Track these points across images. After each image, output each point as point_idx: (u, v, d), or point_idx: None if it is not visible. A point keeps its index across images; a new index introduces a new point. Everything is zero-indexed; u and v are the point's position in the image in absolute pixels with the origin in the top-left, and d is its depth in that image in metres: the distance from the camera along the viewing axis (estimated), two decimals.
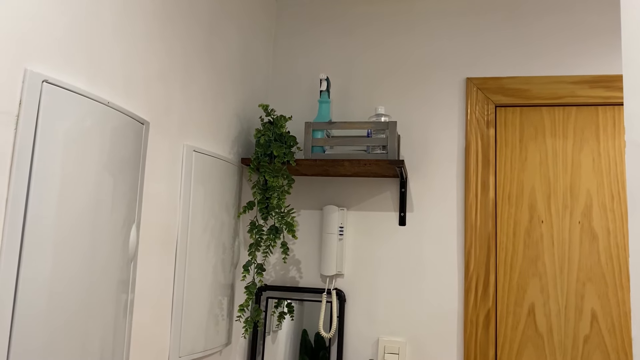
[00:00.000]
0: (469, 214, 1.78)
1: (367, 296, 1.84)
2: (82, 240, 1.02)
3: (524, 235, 1.76)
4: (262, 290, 1.87)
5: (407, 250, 1.83)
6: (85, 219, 1.03)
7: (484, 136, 1.82)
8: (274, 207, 1.66)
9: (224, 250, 1.62)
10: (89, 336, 1.04)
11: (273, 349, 1.83)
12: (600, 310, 1.68)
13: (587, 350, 1.67)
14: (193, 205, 1.45)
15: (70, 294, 0.99)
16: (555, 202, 1.76)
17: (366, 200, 1.89)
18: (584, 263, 1.71)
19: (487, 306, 1.73)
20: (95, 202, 1.05)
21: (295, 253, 1.92)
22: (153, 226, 1.29)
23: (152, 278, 1.29)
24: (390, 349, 1.78)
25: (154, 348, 1.30)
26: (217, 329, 1.58)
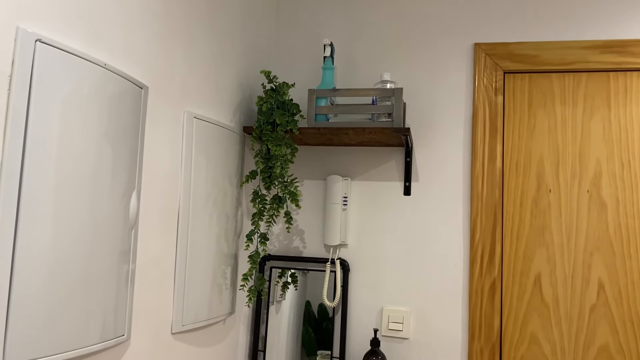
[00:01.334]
0: (475, 183, 1.75)
1: (371, 266, 1.82)
2: (82, 208, 1.00)
3: (531, 204, 1.74)
4: (266, 260, 1.86)
5: (411, 220, 1.81)
6: (85, 186, 1.00)
7: (491, 104, 1.77)
8: (277, 176, 1.63)
9: (226, 220, 1.60)
10: (90, 306, 1.03)
11: (277, 318, 1.83)
12: (607, 280, 1.66)
13: (593, 320, 1.65)
14: (195, 173, 1.42)
15: (70, 262, 0.97)
16: (564, 171, 1.73)
17: (371, 170, 1.86)
18: (592, 232, 1.69)
19: (492, 276, 1.71)
20: (95, 166, 1.03)
21: (299, 223, 1.90)
22: (154, 194, 1.26)
23: (153, 247, 1.27)
24: (394, 318, 1.77)
25: (156, 317, 1.29)
26: (220, 298, 1.57)
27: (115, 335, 1.11)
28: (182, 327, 1.38)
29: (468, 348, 1.71)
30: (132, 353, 1.18)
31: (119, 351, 1.15)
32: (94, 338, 1.04)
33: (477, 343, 1.70)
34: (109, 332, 1.09)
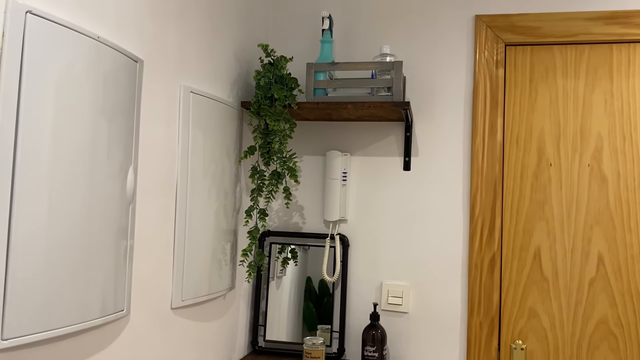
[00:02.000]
0: (476, 157, 1.74)
1: (371, 241, 1.82)
2: (78, 184, 0.99)
3: (532, 178, 1.73)
4: (265, 236, 1.86)
5: (411, 196, 1.80)
6: (81, 162, 0.99)
7: (492, 77, 1.75)
8: (275, 151, 1.62)
9: (225, 196, 1.60)
10: (89, 282, 1.03)
11: (277, 294, 1.84)
12: (606, 254, 1.66)
13: (592, 293, 1.66)
14: (192, 149, 1.41)
15: (68, 238, 0.97)
16: (565, 145, 1.71)
17: (370, 145, 1.85)
18: (592, 206, 1.68)
19: (492, 250, 1.71)
20: (90, 142, 1.02)
21: (298, 199, 1.89)
22: (151, 170, 1.25)
23: (152, 223, 1.26)
24: (393, 292, 1.78)
25: (156, 292, 1.29)
26: (220, 274, 1.58)
27: (115, 310, 1.11)
28: (181, 302, 1.38)
29: (467, 322, 1.72)
30: (132, 328, 1.19)
31: (119, 326, 1.15)
32: (94, 313, 1.05)
33: (477, 317, 1.71)
34: (109, 307, 1.09)
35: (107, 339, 1.11)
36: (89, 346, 1.06)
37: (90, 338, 1.06)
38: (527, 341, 1.70)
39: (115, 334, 1.14)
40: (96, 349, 1.08)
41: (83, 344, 1.04)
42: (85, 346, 1.05)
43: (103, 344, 1.10)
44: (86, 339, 1.05)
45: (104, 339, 1.10)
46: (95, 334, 1.08)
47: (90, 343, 1.06)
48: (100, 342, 1.09)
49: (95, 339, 1.08)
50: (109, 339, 1.12)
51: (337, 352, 1.76)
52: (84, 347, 1.04)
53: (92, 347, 1.07)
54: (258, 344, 1.82)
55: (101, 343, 1.09)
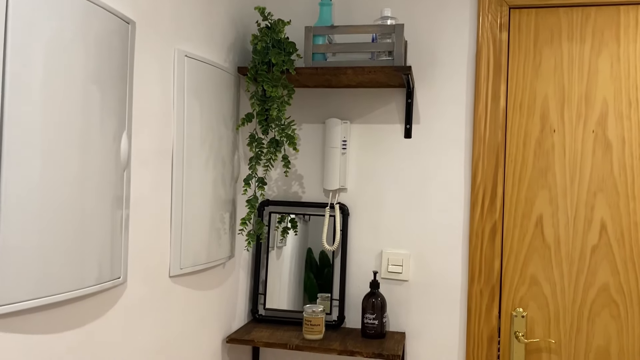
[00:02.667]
0: (478, 124, 1.71)
1: (371, 210, 1.80)
2: (71, 150, 0.96)
3: (535, 145, 1.70)
4: (265, 205, 1.84)
5: (412, 163, 1.77)
6: (72, 128, 0.96)
7: (496, 41, 1.70)
8: (273, 119, 1.59)
9: (223, 164, 1.57)
10: (85, 249, 1.01)
11: (278, 264, 1.83)
12: (609, 221, 1.64)
13: (594, 261, 1.65)
14: (188, 115, 1.38)
15: (61, 205, 0.95)
16: (569, 111, 1.68)
17: (370, 113, 1.81)
18: (596, 173, 1.65)
19: (493, 218, 1.70)
20: (82, 107, 0.99)
21: (297, 168, 1.86)
22: (146, 137, 1.22)
23: (147, 190, 1.24)
24: (393, 261, 1.77)
25: (154, 260, 1.28)
26: (219, 243, 1.56)
27: (112, 278, 1.10)
28: (180, 271, 1.37)
29: (468, 290, 1.71)
30: (129, 295, 1.18)
31: (116, 293, 1.14)
32: (90, 280, 1.03)
33: (477, 285, 1.70)
34: (105, 275, 1.08)
35: (104, 306, 1.10)
36: (86, 313, 1.05)
37: (87, 305, 1.05)
38: (527, 308, 1.69)
39: (113, 301, 1.13)
40: (93, 316, 1.07)
41: (80, 311, 1.03)
42: (81, 313, 1.03)
43: (100, 311, 1.09)
44: (83, 306, 1.04)
45: (101, 306, 1.09)
46: (92, 301, 1.06)
47: (87, 310, 1.05)
48: (98, 310, 1.08)
49: (92, 306, 1.06)
50: (106, 306, 1.11)
51: (337, 320, 1.76)
52: (81, 314, 1.03)
53: (89, 315, 1.05)
54: (258, 312, 1.82)
55: (98, 310, 1.08)
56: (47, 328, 0.95)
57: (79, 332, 1.03)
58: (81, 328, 1.03)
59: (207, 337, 1.55)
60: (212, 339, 1.59)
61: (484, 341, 1.69)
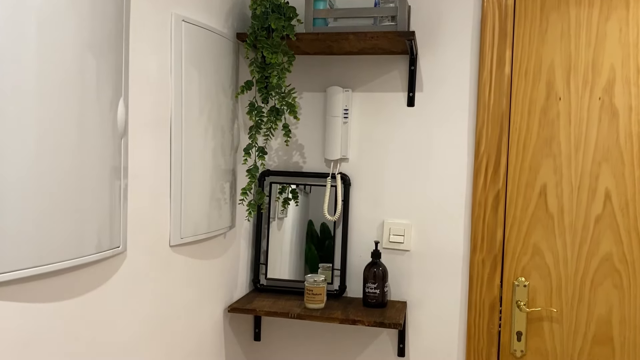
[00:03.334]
0: (482, 92, 1.67)
1: (373, 180, 1.78)
2: (67, 118, 0.94)
3: (540, 113, 1.67)
4: (265, 176, 1.82)
5: (415, 132, 1.75)
6: (68, 96, 0.94)
7: (501, 6, 1.66)
8: (273, 86, 1.55)
9: (222, 133, 1.54)
10: (84, 218, 1.00)
11: (279, 235, 1.82)
12: (614, 190, 1.62)
13: (597, 231, 1.63)
14: (185, 82, 1.35)
15: (58, 174, 0.93)
16: (575, 78, 1.64)
17: (373, 81, 1.77)
18: (601, 142, 1.63)
19: (496, 188, 1.68)
20: (78, 76, 0.96)
21: (298, 138, 1.84)
22: (143, 104, 1.20)
23: (146, 160, 1.22)
24: (395, 231, 1.75)
25: (153, 230, 1.26)
26: (220, 213, 1.55)
27: (111, 247, 1.09)
28: (180, 240, 1.36)
29: (470, 259, 1.71)
30: (129, 264, 1.17)
31: (116, 262, 1.13)
32: (89, 249, 1.02)
33: (479, 254, 1.69)
34: (105, 244, 1.07)
35: (104, 275, 1.09)
36: (86, 282, 1.04)
37: (86, 274, 1.04)
38: (530, 278, 1.69)
39: (113, 270, 1.12)
40: (93, 285, 1.06)
41: (79, 280, 1.02)
42: (81, 282, 1.03)
43: (100, 280, 1.08)
44: (82, 275, 1.03)
45: (101, 275, 1.08)
46: (92, 270, 1.05)
47: (87, 279, 1.04)
48: (97, 279, 1.07)
49: (92, 275, 1.06)
50: (106, 275, 1.10)
51: (338, 289, 1.76)
52: (81, 283, 1.02)
53: (88, 283, 1.05)
54: (260, 282, 1.82)
55: (98, 279, 1.08)
56: (46, 296, 0.94)
57: (79, 300, 1.02)
58: (81, 297, 1.03)
59: (208, 306, 1.55)
60: (214, 308, 1.59)
61: (486, 310, 1.69)
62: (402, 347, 1.76)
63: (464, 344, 1.73)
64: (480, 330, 1.70)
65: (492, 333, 1.70)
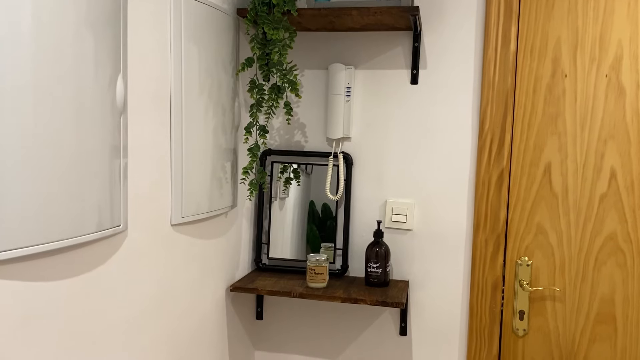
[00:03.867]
0: (487, 69, 1.65)
1: (376, 159, 1.77)
2: (64, 94, 0.92)
3: (545, 91, 1.64)
4: (267, 155, 1.80)
5: (418, 110, 1.72)
6: (66, 73, 0.92)
7: None
8: (275, 63, 1.53)
9: (223, 112, 1.52)
10: (84, 196, 0.99)
11: (281, 215, 1.81)
12: (620, 169, 1.60)
13: (602, 209, 1.62)
14: (185, 59, 1.32)
15: (57, 151, 0.92)
16: (582, 55, 1.61)
17: (376, 58, 1.74)
18: (608, 120, 1.60)
19: (500, 166, 1.66)
20: (75, 52, 0.94)
21: (299, 116, 1.82)
22: (142, 80, 1.17)
23: (146, 138, 1.20)
24: (398, 210, 1.74)
25: (154, 209, 1.25)
26: (221, 192, 1.53)
27: (112, 225, 1.08)
28: (181, 219, 1.35)
29: (472, 239, 1.70)
30: (130, 243, 1.16)
31: (117, 241, 1.12)
32: (90, 228, 1.01)
33: (482, 234, 1.68)
34: (105, 223, 1.05)
35: (105, 254, 1.08)
36: (86, 261, 1.03)
37: (87, 252, 1.03)
38: (533, 257, 1.68)
39: (113, 249, 1.11)
40: (94, 263, 1.05)
41: (80, 259, 1.01)
42: (82, 261, 1.02)
43: (101, 258, 1.07)
44: (83, 253, 1.02)
45: (102, 253, 1.08)
46: (93, 249, 1.04)
47: (88, 257, 1.03)
48: (98, 257, 1.06)
49: (93, 253, 1.05)
50: (106, 254, 1.09)
51: (340, 269, 1.75)
52: (81, 261, 1.02)
53: (89, 262, 1.04)
54: (262, 262, 1.81)
55: (99, 258, 1.07)
56: (47, 275, 0.93)
57: (80, 279, 1.01)
58: (82, 275, 1.02)
59: (211, 285, 1.55)
60: (216, 288, 1.59)
61: (488, 289, 1.69)
62: (404, 326, 1.76)
63: (466, 323, 1.73)
64: (483, 309, 1.70)
65: (494, 312, 1.69)
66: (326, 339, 1.85)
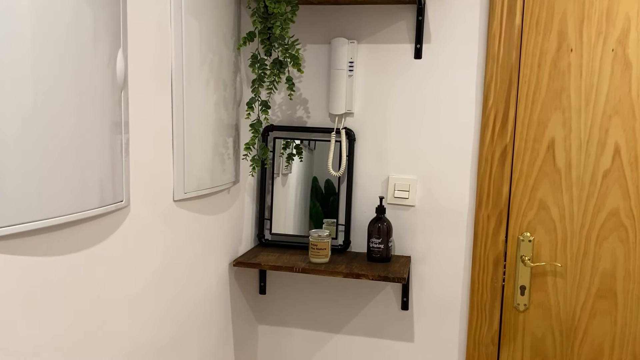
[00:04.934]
0: (492, 43, 1.62)
1: (378, 135, 1.76)
2: (65, 70, 0.92)
3: (550, 65, 1.62)
4: (269, 131, 1.79)
5: (422, 86, 1.71)
6: (65, 47, 0.91)
7: None
8: (276, 37, 1.51)
9: (224, 87, 1.51)
10: (84, 173, 0.98)
11: (283, 191, 1.81)
12: (624, 144, 1.59)
13: (605, 185, 1.61)
14: (186, 33, 1.31)
15: (58, 126, 0.91)
16: (588, 28, 1.58)
17: (379, 32, 1.72)
18: (613, 95, 1.59)
19: (504, 142, 1.65)
20: (74, 27, 0.93)
21: (302, 92, 1.80)
22: (142, 56, 1.16)
23: (147, 115, 1.20)
24: (400, 186, 1.74)
25: (156, 185, 1.25)
26: (223, 168, 1.53)
27: (114, 201, 1.08)
28: (184, 195, 1.35)
29: (475, 214, 1.70)
30: (133, 219, 1.16)
31: (119, 216, 1.12)
32: (92, 203, 1.01)
33: (485, 210, 1.68)
34: (107, 198, 1.06)
35: (107, 229, 1.09)
36: (89, 236, 1.04)
37: (89, 228, 1.03)
38: (535, 233, 1.68)
39: (116, 225, 1.12)
40: (96, 239, 1.06)
41: (82, 234, 1.02)
42: (84, 236, 1.02)
43: (103, 234, 1.08)
44: (85, 229, 1.02)
45: (104, 229, 1.08)
46: (95, 224, 1.05)
47: (90, 233, 1.04)
48: (101, 233, 1.07)
49: (95, 229, 1.05)
50: (109, 229, 1.10)
51: (342, 245, 1.76)
52: (84, 237, 1.02)
53: (91, 238, 1.04)
54: (264, 237, 1.82)
55: (101, 233, 1.07)
56: (50, 250, 0.94)
57: (83, 254, 1.02)
58: (85, 251, 1.03)
59: (214, 260, 1.56)
60: (219, 263, 1.60)
61: (490, 265, 1.70)
62: (406, 300, 1.77)
63: (468, 298, 1.74)
64: (484, 284, 1.71)
65: (495, 287, 1.70)
66: (328, 314, 1.87)
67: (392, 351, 1.82)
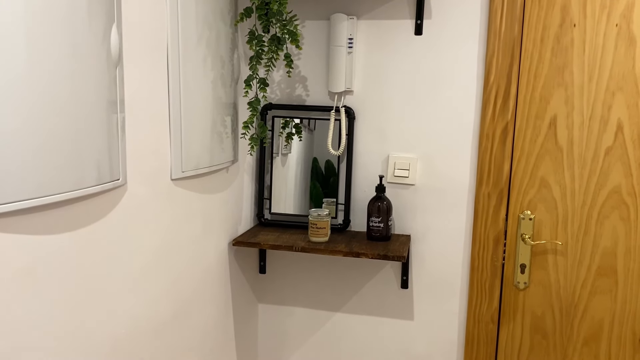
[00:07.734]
0: (494, 18, 1.59)
1: (378, 113, 1.74)
2: (59, 46, 0.89)
3: (553, 41, 1.59)
4: (267, 109, 1.77)
5: (422, 62, 1.68)
6: (58, 20, 0.88)
7: None
8: (274, 13, 1.48)
9: (222, 64, 1.49)
10: (80, 150, 0.97)
11: (283, 171, 1.79)
12: (627, 121, 1.57)
13: (607, 162, 1.60)
14: (182, 7, 1.28)
15: (51, 103, 0.90)
16: (592, 2, 1.55)
17: (379, 7, 1.69)
18: (616, 71, 1.56)
19: (505, 119, 1.63)
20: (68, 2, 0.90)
21: (300, 69, 1.78)
22: (137, 32, 1.14)
23: (143, 92, 1.18)
24: (400, 165, 1.73)
25: (154, 163, 1.24)
26: (222, 147, 1.52)
27: (111, 179, 1.07)
28: (182, 174, 1.34)
29: (475, 193, 1.69)
30: (130, 197, 1.15)
31: (117, 195, 1.11)
32: (89, 181, 1.00)
33: (485, 188, 1.67)
34: (104, 176, 1.04)
35: (104, 207, 1.08)
36: (86, 214, 1.02)
37: (86, 206, 1.02)
38: (535, 211, 1.67)
39: (113, 203, 1.10)
40: (94, 217, 1.05)
41: (79, 212, 1.01)
42: (82, 214, 1.01)
43: (101, 212, 1.07)
44: (83, 207, 1.01)
45: (102, 207, 1.07)
46: (92, 202, 1.04)
47: (87, 211, 1.03)
48: (98, 211, 1.06)
49: (92, 207, 1.04)
50: (107, 207, 1.08)
51: (342, 224, 1.76)
52: (81, 215, 1.01)
53: (89, 215, 1.03)
54: (264, 217, 1.81)
55: (99, 211, 1.06)
56: (46, 228, 0.93)
57: (80, 232, 1.01)
58: (82, 229, 1.02)
59: (213, 240, 1.56)
60: (219, 242, 1.59)
61: (490, 243, 1.69)
62: (406, 279, 1.77)
63: (467, 276, 1.74)
64: (484, 262, 1.71)
65: (495, 266, 1.70)
66: (328, 293, 1.87)
67: (392, 329, 1.83)
